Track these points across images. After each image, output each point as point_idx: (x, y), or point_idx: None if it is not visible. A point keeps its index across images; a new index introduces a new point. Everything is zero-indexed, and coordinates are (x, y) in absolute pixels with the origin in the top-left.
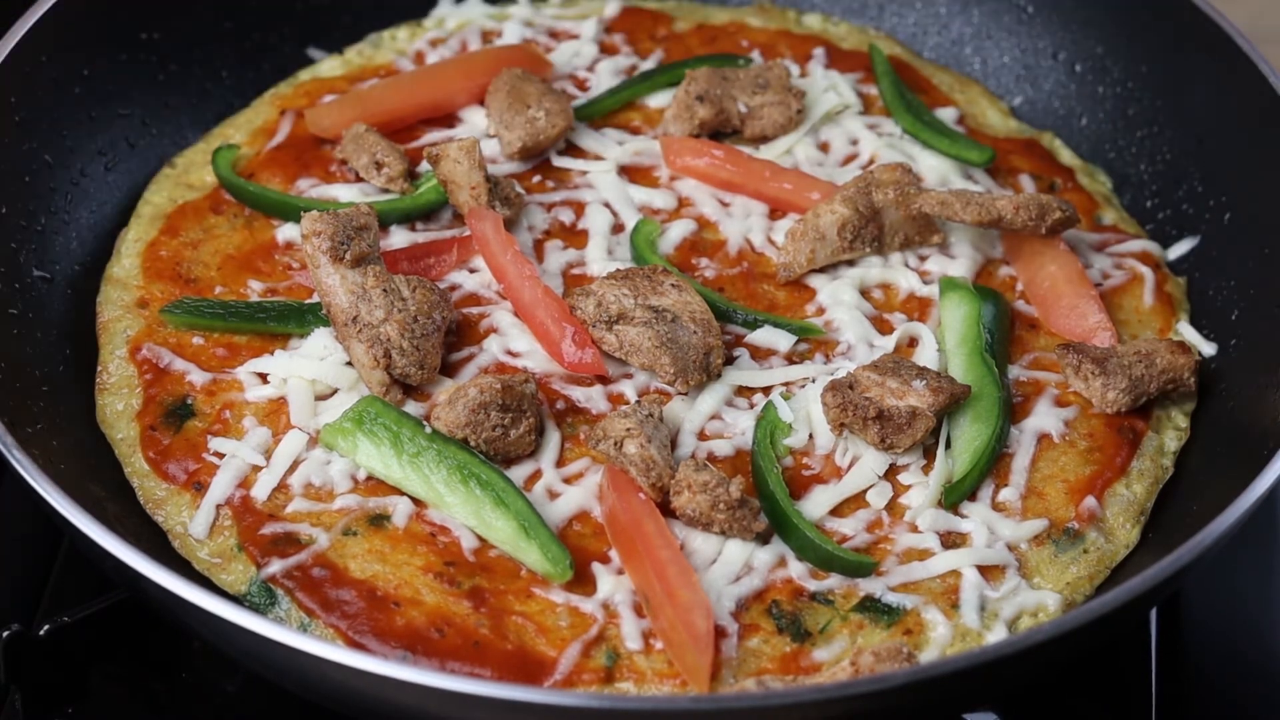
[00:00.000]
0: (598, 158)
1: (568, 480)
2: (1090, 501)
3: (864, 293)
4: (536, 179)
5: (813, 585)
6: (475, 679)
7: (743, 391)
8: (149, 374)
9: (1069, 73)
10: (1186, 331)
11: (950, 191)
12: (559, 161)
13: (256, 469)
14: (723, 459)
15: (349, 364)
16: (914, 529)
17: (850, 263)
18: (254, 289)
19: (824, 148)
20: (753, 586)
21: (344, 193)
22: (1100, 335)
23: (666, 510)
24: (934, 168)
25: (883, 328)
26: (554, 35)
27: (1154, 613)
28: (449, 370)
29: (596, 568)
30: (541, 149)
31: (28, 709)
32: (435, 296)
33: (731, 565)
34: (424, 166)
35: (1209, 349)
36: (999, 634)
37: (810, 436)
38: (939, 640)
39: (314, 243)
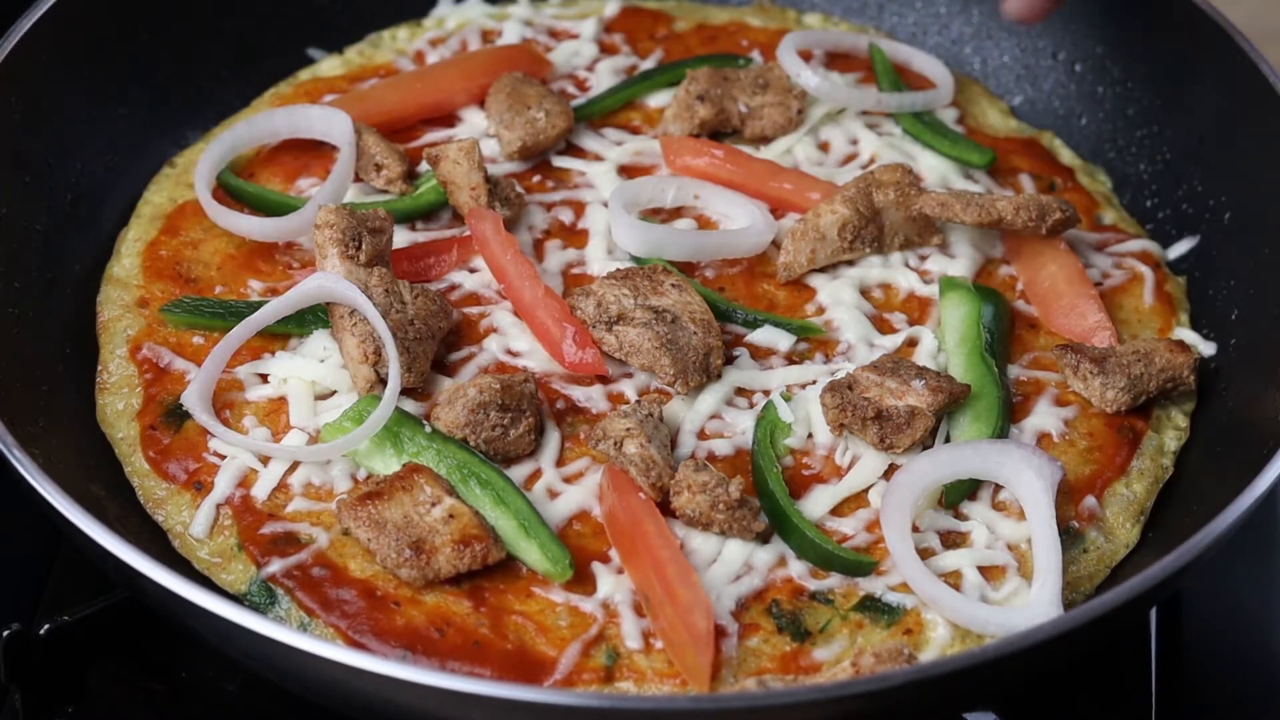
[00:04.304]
0: (598, 158)
1: (568, 480)
2: (1090, 501)
3: (864, 292)
4: (536, 179)
5: (813, 585)
6: (475, 678)
7: (743, 391)
8: (149, 373)
9: (1069, 73)
10: (1186, 332)
11: (950, 193)
12: (559, 161)
13: (255, 470)
14: (723, 459)
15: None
16: (914, 529)
17: (850, 262)
18: (254, 289)
19: (824, 147)
20: (753, 586)
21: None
22: (1100, 335)
23: (666, 510)
24: (934, 167)
25: (883, 327)
26: (554, 35)
27: (1154, 613)
28: (449, 370)
29: (596, 567)
30: (541, 149)
31: (28, 709)
32: (435, 307)
33: (731, 565)
34: (424, 166)
35: (1209, 349)
36: (998, 634)
37: (810, 436)
38: (939, 640)
39: (325, 234)
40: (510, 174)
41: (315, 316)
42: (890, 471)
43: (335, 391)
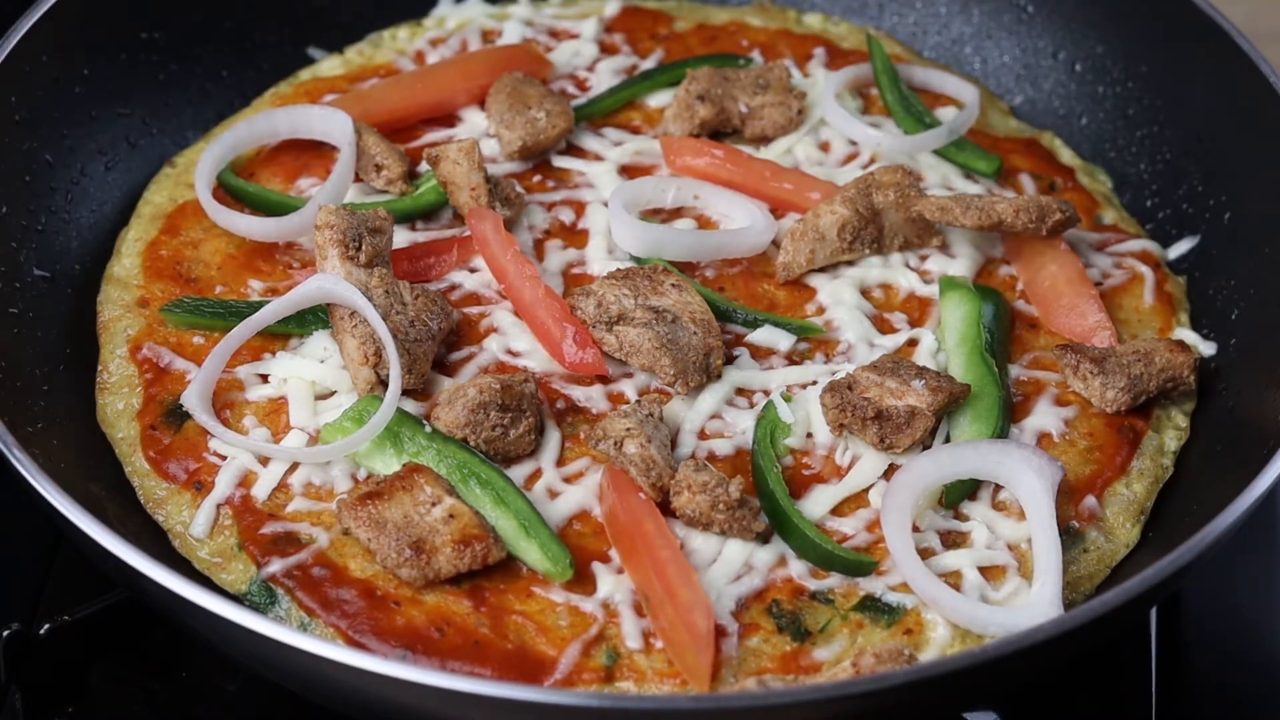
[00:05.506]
0: (598, 158)
1: (568, 480)
2: (1090, 501)
3: (864, 292)
4: (536, 179)
5: (813, 584)
6: (475, 678)
7: (743, 391)
8: (149, 373)
9: (1069, 72)
10: (1186, 332)
11: (950, 197)
12: (559, 161)
13: (254, 472)
14: (723, 458)
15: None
16: (915, 529)
17: (850, 262)
18: (254, 289)
19: (824, 147)
20: (753, 586)
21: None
22: (1100, 335)
23: (666, 510)
24: (934, 167)
25: (883, 327)
26: (554, 35)
27: (1154, 613)
28: (449, 370)
29: (596, 567)
30: (541, 149)
31: (28, 709)
32: (436, 307)
33: (731, 565)
34: (424, 166)
35: (1209, 349)
36: (998, 634)
37: (810, 436)
38: (939, 640)
39: (325, 234)
40: (510, 174)
41: (316, 317)
42: (890, 471)
43: (335, 392)
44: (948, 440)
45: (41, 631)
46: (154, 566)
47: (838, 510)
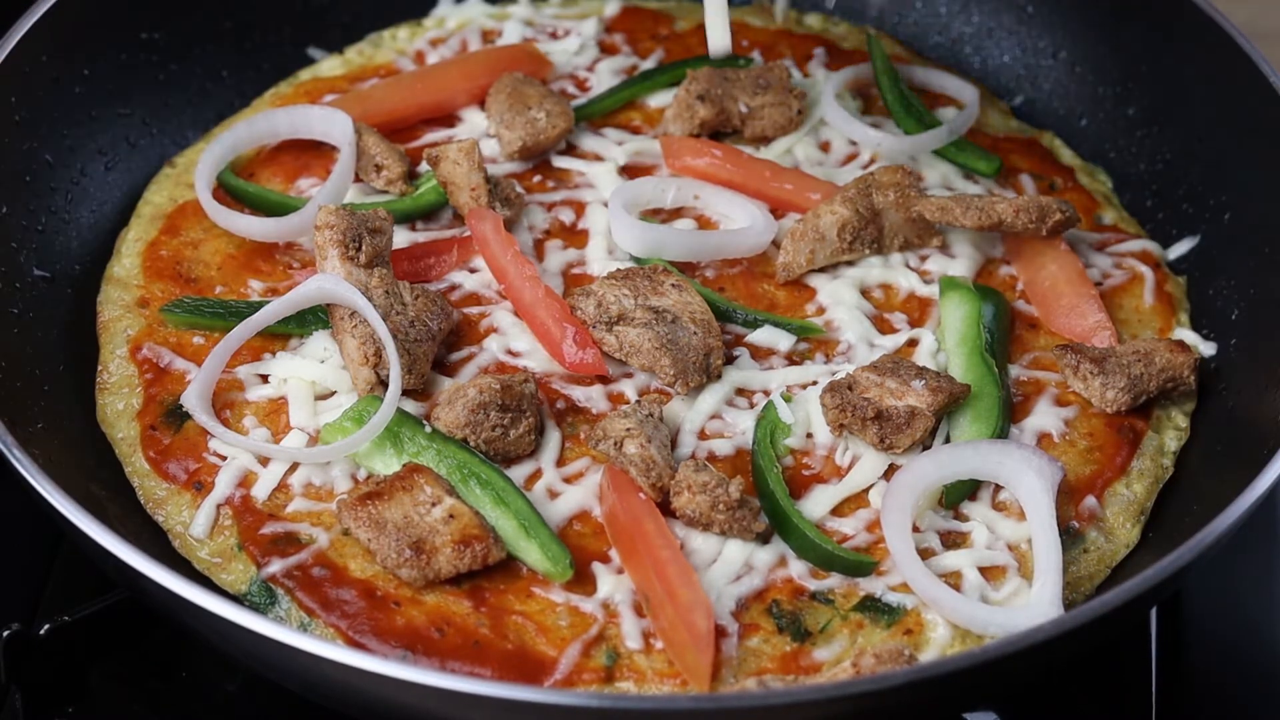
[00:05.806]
0: (598, 158)
1: (568, 480)
2: (1090, 501)
3: (864, 292)
4: (537, 179)
5: (813, 585)
6: (475, 678)
7: (743, 391)
8: (149, 373)
9: (1069, 73)
10: (1186, 332)
11: (950, 197)
12: (559, 161)
13: (254, 472)
14: (723, 458)
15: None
16: (915, 529)
17: (850, 262)
18: (254, 289)
19: (824, 147)
20: (753, 586)
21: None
22: (1100, 335)
23: (666, 510)
24: (934, 167)
25: (883, 327)
26: (554, 35)
27: (1154, 613)
28: (449, 370)
29: (597, 567)
30: (541, 149)
31: (28, 709)
32: (436, 308)
33: (731, 565)
34: (424, 166)
35: (1209, 349)
36: (998, 634)
37: (810, 436)
38: (939, 640)
39: (325, 235)
40: (510, 174)
41: (316, 317)
42: (890, 471)
43: (335, 392)
44: (948, 440)
45: (41, 631)
46: (154, 566)
47: (838, 510)
